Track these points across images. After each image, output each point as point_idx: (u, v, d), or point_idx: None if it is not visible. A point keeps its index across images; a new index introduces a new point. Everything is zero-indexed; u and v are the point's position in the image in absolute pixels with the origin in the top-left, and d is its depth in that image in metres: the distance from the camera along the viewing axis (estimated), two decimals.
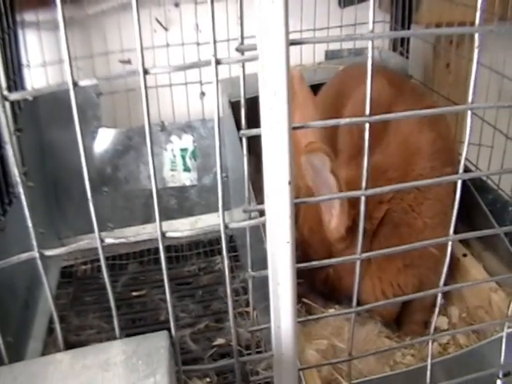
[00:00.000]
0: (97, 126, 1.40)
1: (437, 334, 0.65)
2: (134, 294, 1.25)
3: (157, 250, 1.45)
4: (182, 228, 1.43)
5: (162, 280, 1.46)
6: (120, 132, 1.43)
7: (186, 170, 1.46)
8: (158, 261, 1.37)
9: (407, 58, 1.59)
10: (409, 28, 1.61)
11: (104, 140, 1.41)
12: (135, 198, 1.43)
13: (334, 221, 0.90)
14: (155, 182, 0.48)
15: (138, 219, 1.44)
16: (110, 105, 1.46)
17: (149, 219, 1.44)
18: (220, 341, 1.08)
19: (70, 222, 1.39)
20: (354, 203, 0.85)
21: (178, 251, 1.39)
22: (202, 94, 1.48)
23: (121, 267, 1.34)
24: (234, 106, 1.27)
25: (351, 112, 1.08)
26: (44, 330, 1.15)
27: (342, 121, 0.47)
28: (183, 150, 1.46)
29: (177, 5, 1.47)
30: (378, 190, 0.49)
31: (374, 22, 0.48)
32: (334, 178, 0.79)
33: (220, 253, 1.34)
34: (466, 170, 1.26)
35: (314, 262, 0.52)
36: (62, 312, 1.20)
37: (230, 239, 1.36)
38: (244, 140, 0.46)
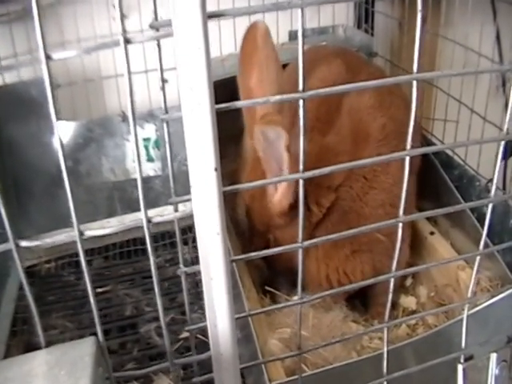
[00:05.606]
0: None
1: (391, 322, 0.62)
2: (99, 290, 1.21)
3: (122, 244, 1.41)
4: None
5: (128, 274, 1.41)
6: (80, 124, 1.37)
7: (150, 160, 1.42)
8: (123, 255, 1.34)
9: (372, 35, 1.56)
10: (373, 5, 1.58)
11: (63, 133, 1.36)
12: (98, 192, 1.38)
13: (278, 195, 0.87)
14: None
15: (102, 213, 1.38)
16: (69, 97, 1.41)
17: (113, 213, 1.39)
18: (186, 334, 1.05)
19: (32, 220, 1.34)
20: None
21: (144, 244, 1.35)
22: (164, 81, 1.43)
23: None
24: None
25: None
26: (6, 332, 1.10)
27: (272, 98, 0.44)
28: (146, 140, 1.41)
29: None
30: (316, 171, 0.46)
31: None
32: (288, 156, 0.75)
33: (187, 243, 1.31)
34: (431, 145, 1.24)
35: (251, 254, 0.48)
36: (24, 313, 1.16)
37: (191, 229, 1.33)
38: (165, 125, 0.43)
